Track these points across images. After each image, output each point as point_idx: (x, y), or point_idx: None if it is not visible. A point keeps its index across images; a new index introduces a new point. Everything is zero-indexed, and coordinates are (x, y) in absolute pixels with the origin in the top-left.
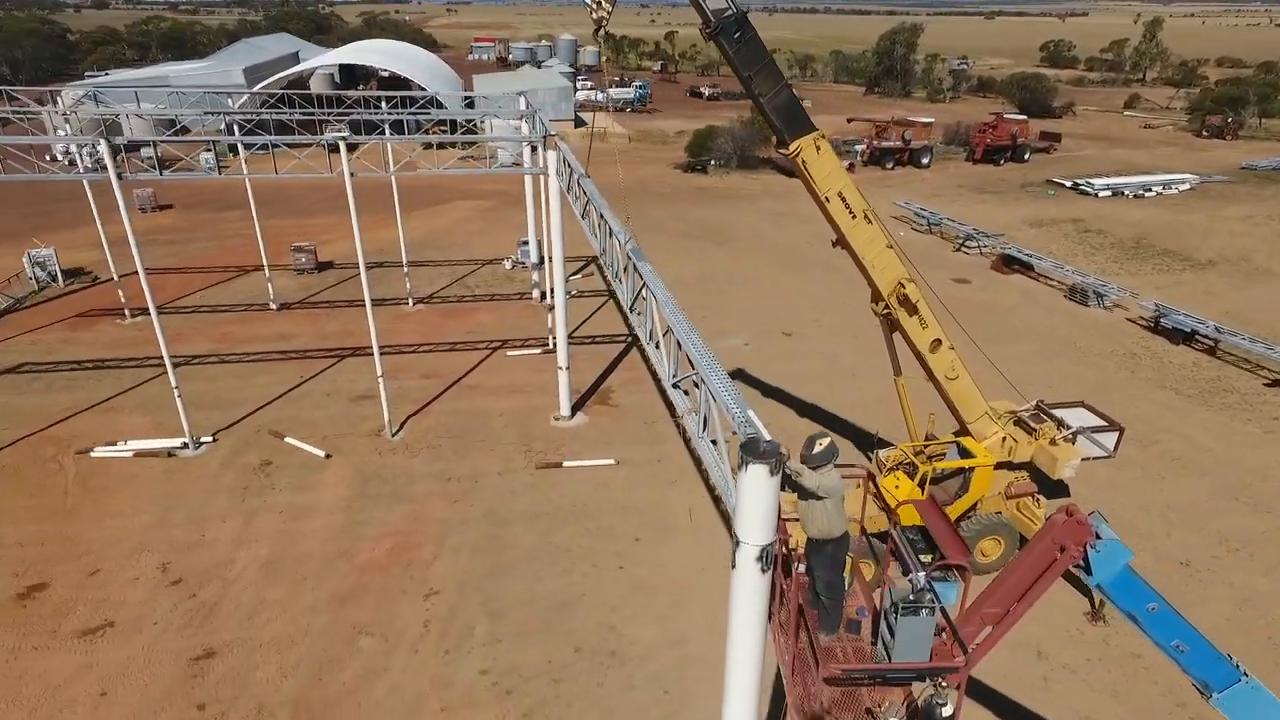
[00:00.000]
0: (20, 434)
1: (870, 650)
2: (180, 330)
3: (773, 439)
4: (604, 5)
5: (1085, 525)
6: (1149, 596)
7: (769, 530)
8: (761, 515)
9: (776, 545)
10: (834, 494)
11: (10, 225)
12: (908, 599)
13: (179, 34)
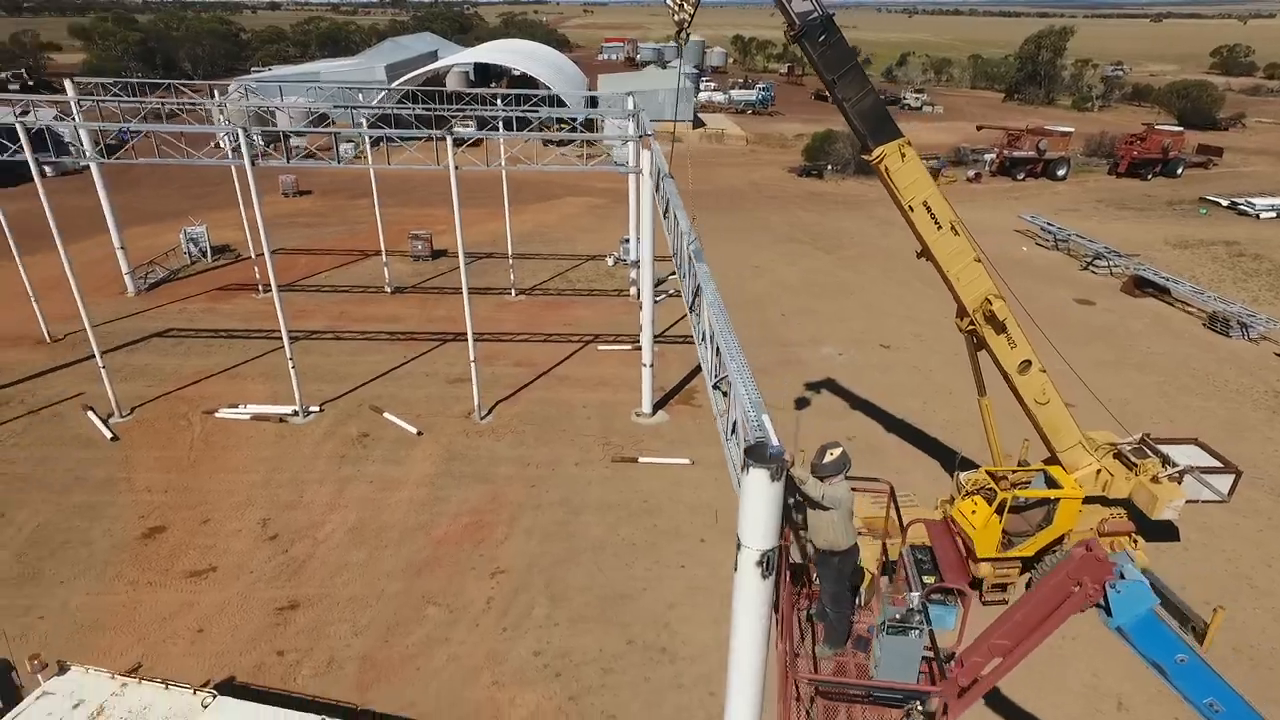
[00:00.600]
0: (159, 391)
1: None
2: (304, 307)
3: (779, 445)
4: (686, 7)
5: (1105, 563)
6: (1177, 647)
7: (770, 535)
8: (763, 520)
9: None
10: (841, 505)
11: (175, 205)
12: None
13: (335, 33)
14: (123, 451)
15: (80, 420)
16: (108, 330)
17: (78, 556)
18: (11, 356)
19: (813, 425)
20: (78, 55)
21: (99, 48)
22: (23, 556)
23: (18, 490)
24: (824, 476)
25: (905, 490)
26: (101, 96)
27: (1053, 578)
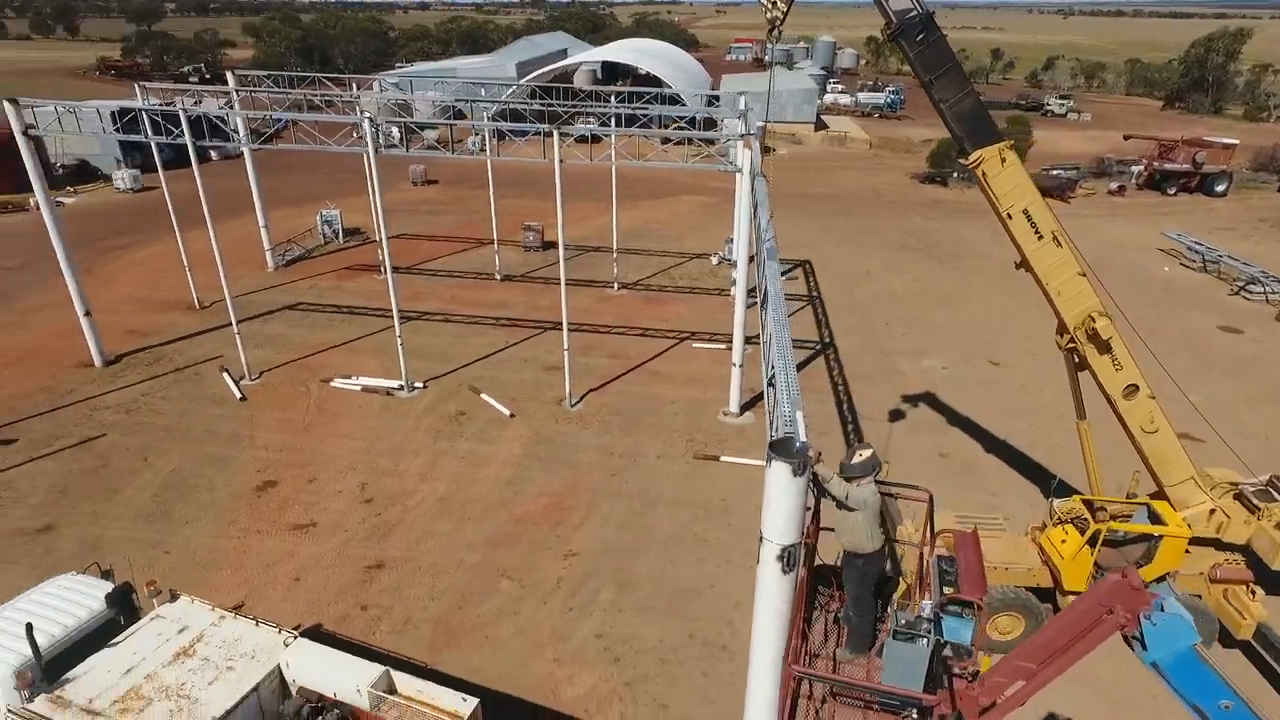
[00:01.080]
0: (285, 359)
1: None
2: (420, 289)
3: (806, 441)
4: (778, 5)
5: (1141, 592)
6: (1221, 691)
7: (792, 530)
8: (785, 514)
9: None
10: (866, 508)
11: (318, 189)
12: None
13: (475, 32)
14: (249, 411)
15: (216, 380)
16: (247, 301)
17: (202, 501)
18: (167, 319)
19: (906, 439)
20: (249, 51)
21: (266, 44)
22: (157, 497)
23: (160, 439)
24: (851, 477)
25: (996, 514)
26: (256, 88)
27: (1083, 601)
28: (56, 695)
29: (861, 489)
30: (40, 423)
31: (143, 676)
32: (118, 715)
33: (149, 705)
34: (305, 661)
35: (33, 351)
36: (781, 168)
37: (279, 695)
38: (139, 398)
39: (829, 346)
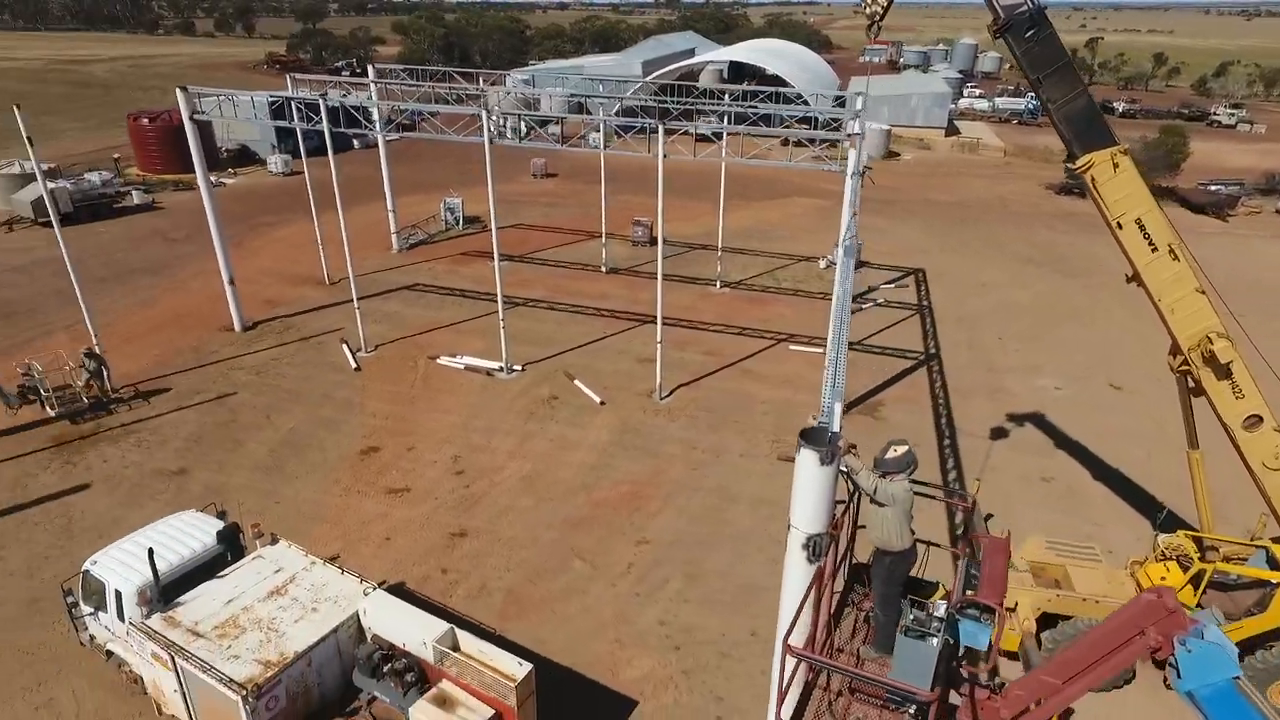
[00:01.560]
0: (399, 335)
1: None
2: (527, 277)
3: (837, 432)
4: (878, 1)
5: (1177, 615)
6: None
7: (818, 519)
8: (811, 502)
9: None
10: (896, 504)
11: (445, 178)
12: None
13: (607, 31)
14: (362, 380)
15: (336, 350)
16: (370, 279)
17: (313, 460)
18: (299, 292)
19: (1006, 458)
20: (397, 48)
21: (412, 41)
22: (275, 452)
23: (283, 400)
24: (885, 473)
25: (1092, 544)
26: (392, 81)
27: (1115, 619)
28: (169, 615)
29: (892, 485)
30: (186, 377)
31: (240, 608)
32: (216, 639)
33: (243, 634)
34: (381, 612)
35: (186, 314)
36: (905, 173)
37: (355, 639)
38: (269, 361)
39: (933, 358)
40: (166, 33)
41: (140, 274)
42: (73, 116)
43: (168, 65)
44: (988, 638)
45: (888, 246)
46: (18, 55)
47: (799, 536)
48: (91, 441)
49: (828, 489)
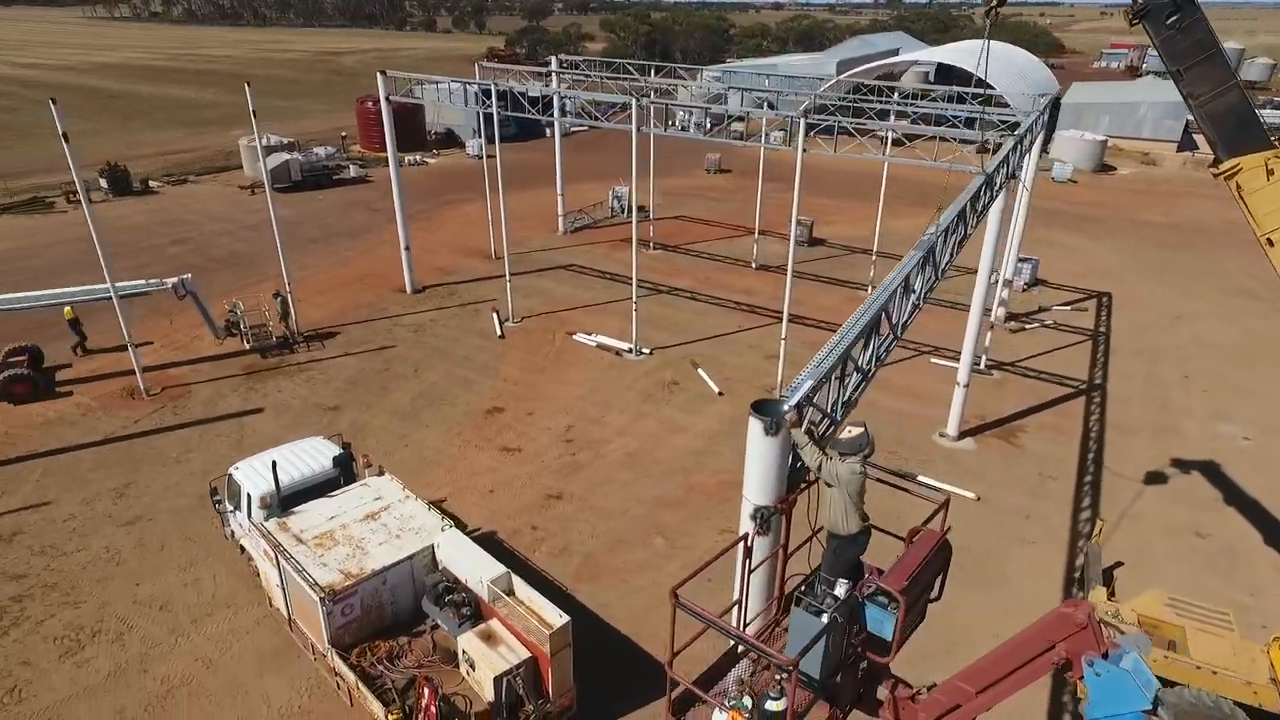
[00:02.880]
0: (544, 309)
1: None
2: (678, 267)
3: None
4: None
5: (1087, 632)
6: None
7: (763, 491)
8: (756, 473)
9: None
10: (840, 485)
11: (620, 167)
12: (805, 593)
13: (812, 31)
14: (503, 348)
15: (487, 318)
16: (533, 256)
17: (444, 413)
18: (468, 263)
19: (1155, 505)
20: (604, 44)
21: (617, 38)
22: (414, 401)
23: (431, 357)
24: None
25: (1228, 611)
26: (580, 73)
27: (1030, 629)
28: (282, 521)
29: (838, 464)
30: (357, 329)
31: (338, 525)
32: (313, 546)
33: (335, 547)
34: (451, 548)
35: (371, 274)
36: (1117, 189)
37: (428, 569)
38: (427, 322)
39: (1096, 389)
40: (412, 29)
41: (342, 237)
42: (323, 100)
43: (406, 57)
44: (892, 626)
45: (1076, 266)
46: (295, 48)
47: (748, 507)
48: (272, 374)
49: (775, 460)
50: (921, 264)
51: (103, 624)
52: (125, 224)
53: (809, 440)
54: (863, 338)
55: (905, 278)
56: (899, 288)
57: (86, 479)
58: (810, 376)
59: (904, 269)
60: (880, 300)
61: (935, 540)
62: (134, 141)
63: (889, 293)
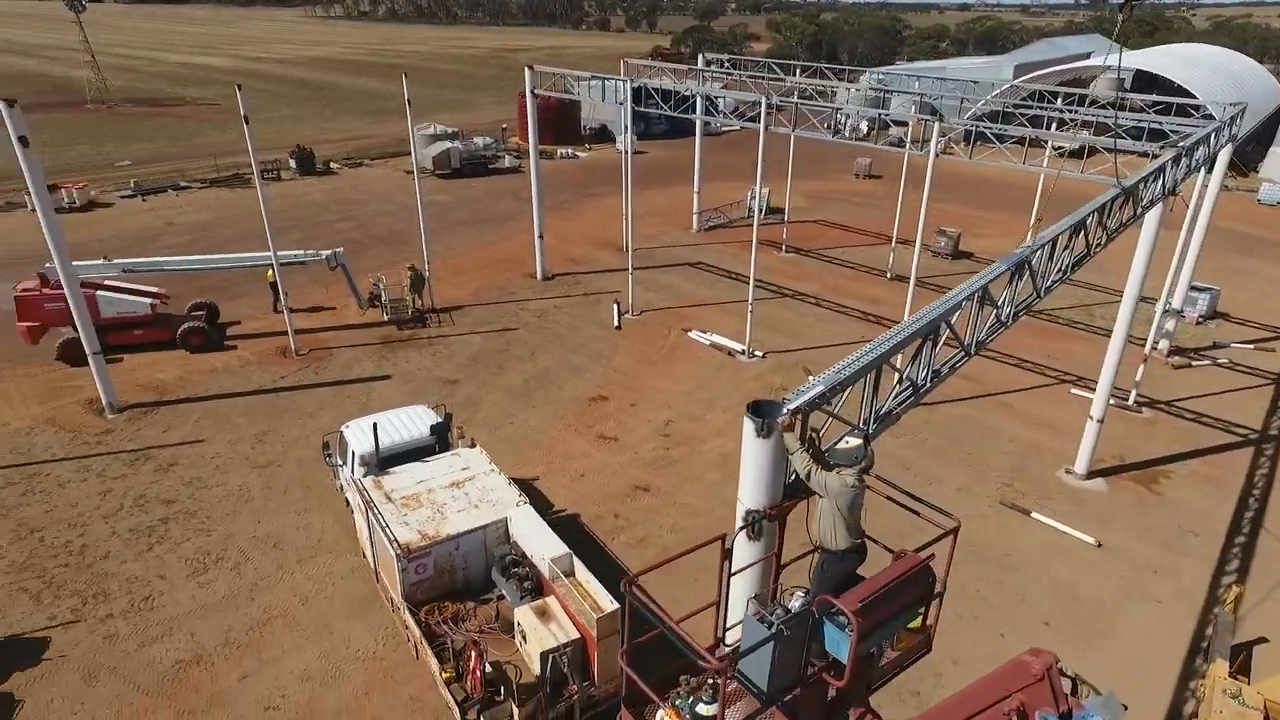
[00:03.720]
0: (664, 305)
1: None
2: (807, 271)
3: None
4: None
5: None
6: None
7: (755, 494)
8: (750, 475)
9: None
10: (831, 497)
11: None
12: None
13: (994, 33)
14: (618, 339)
15: (607, 309)
16: (663, 252)
17: (551, 396)
18: (598, 255)
19: None
20: (769, 44)
21: (782, 38)
22: (526, 382)
23: (549, 342)
24: (835, 463)
25: None
26: (730, 71)
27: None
28: (377, 479)
29: (830, 476)
30: (486, 309)
31: (425, 489)
32: (399, 506)
33: (419, 508)
34: (522, 523)
35: (506, 259)
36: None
37: (500, 540)
38: (551, 308)
39: (1270, 440)
40: (588, 28)
41: (488, 222)
42: (493, 93)
43: (575, 54)
44: (846, 649)
45: (1270, 300)
46: (477, 45)
47: (741, 510)
48: (404, 345)
49: (766, 464)
50: (1011, 277)
51: (226, 552)
52: (305, 200)
53: (799, 447)
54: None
55: (983, 288)
56: (971, 298)
57: (235, 423)
58: (824, 382)
59: (982, 280)
60: (940, 311)
61: (911, 565)
62: (327, 127)
63: (952, 303)
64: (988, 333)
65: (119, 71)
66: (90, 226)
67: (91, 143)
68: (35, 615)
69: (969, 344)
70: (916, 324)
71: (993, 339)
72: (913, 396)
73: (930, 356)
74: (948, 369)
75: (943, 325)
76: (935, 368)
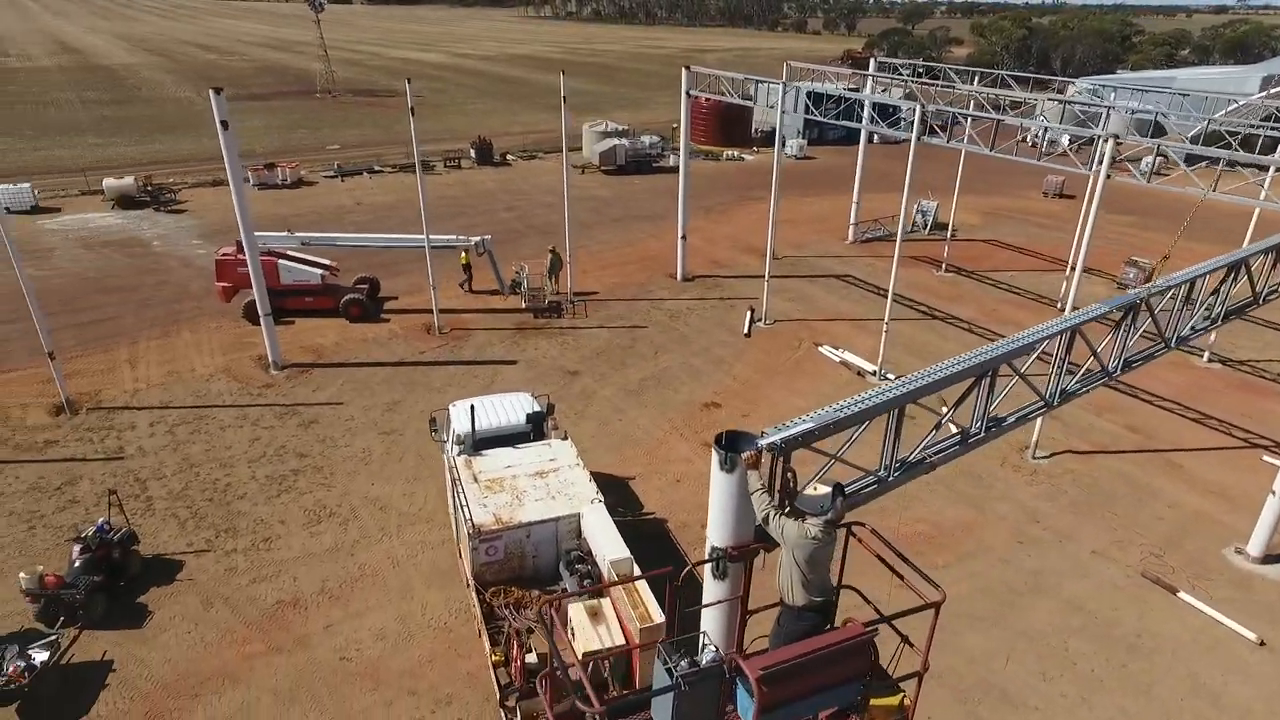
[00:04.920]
0: (801, 316)
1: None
2: (964, 293)
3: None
4: None
5: None
6: None
7: (720, 531)
8: (716, 510)
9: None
10: (788, 546)
11: (939, 180)
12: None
13: (1247, 39)
14: (745, 346)
15: (740, 316)
16: (811, 261)
17: (664, 398)
18: (743, 260)
19: None
20: (970, 49)
21: (985, 42)
22: (643, 381)
23: (674, 342)
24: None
25: None
26: (893, 77)
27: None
28: (469, 459)
29: (790, 524)
30: (620, 304)
31: (510, 474)
32: (483, 487)
33: (500, 492)
34: (592, 521)
35: (651, 257)
36: None
37: (573, 534)
38: (684, 310)
39: None
40: (783, 30)
41: (641, 220)
42: (673, 92)
43: (760, 56)
44: (750, 712)
45: None
46: (668, 45)
47: (708, 545)
48: (536, 333)
49: (728, 500)
50: (1121, 322)
51: (339, 508)
52: (478, 188)
53: (761, 487)
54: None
55: (1072, 330)
56: (1053, 340)
57: (373, 390)
58: (815, 420)
59: (1068, 323)
60: (997, 352)
61: (846, 637)
62: (512, 120)
63: (1018, 345)
64: (1080, 384)
65: (348, 65)
66: (294, 201)
67: (311, 128)
68: (178, 540)
69: (1051, 395)
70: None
71: (1083, 393)
72: (959, 447)
73: (985, 404)
74: (1014, 419)
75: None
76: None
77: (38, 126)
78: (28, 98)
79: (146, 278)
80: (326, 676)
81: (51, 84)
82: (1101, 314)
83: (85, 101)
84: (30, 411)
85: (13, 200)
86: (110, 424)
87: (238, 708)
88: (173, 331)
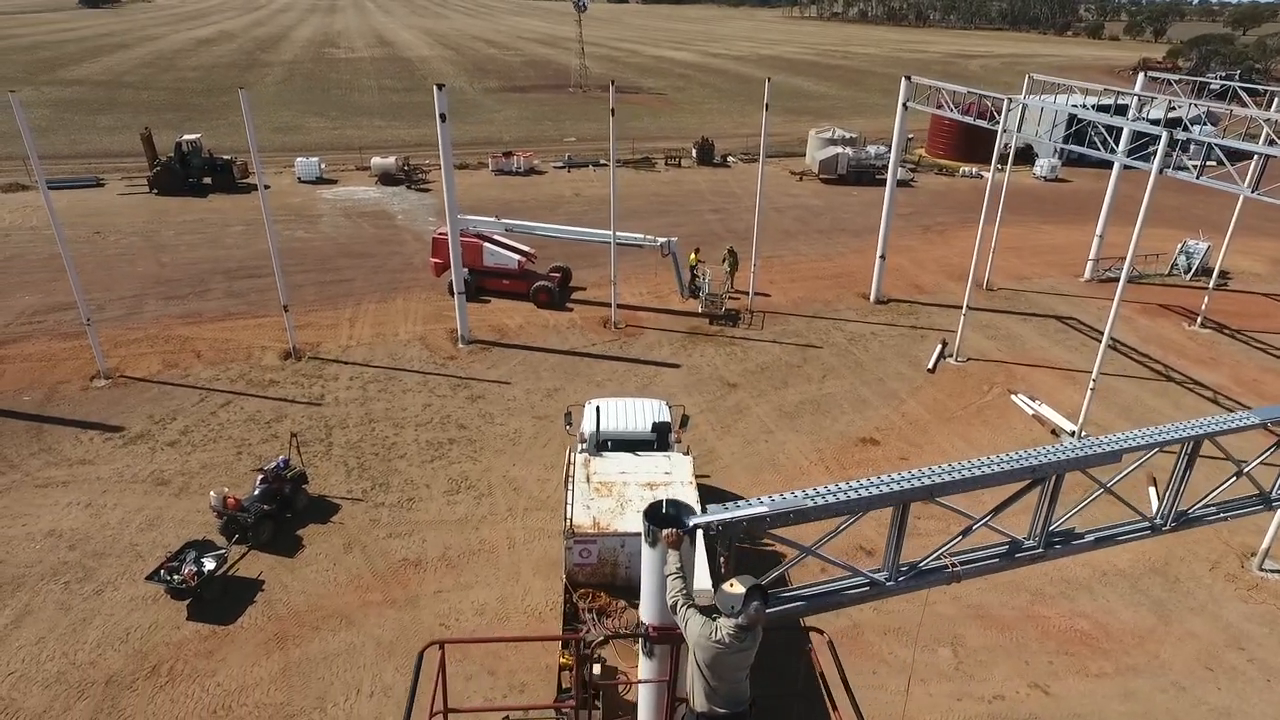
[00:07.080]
0: (1000, 358)
1: None
2: (1219, 354)
3: (691, 518)
4: None
5: None
6: None
7: (648, 608)
8: (645, 586)
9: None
10: (690, 640)
11: (1222, 218)
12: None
13: None
14: (925, 382)
15: (929, 349)
16: (1033, 297)
17: (819, 425)
18: (949, 286)
19: None
20: None
21: None
22: (801, 404)
23: (846, 367)
24: (709, 606)
25: None
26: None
27: None
28: (588, 459)
29: (697, 619)
30: (800, 321)
31: (622, 481)
32: (593, 490)
33: (607, 496)
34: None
35: (846, 275)
36: None
37: None
38: (868, 334)
39: None
40: (1075, 34)
41: (846, 234)
42: None
43: (1035, 64)
44: None
45: None
46: (930, 49)
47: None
48: (706, 340)
49: (653, 575)
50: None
51: (479, 482)
52: (690, 188)
53: (677, 571)
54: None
55: (1200, 438)
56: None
57: (540, 375)
58: (771, 505)
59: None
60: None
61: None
62: (743, 122)
63: (1094, 451)
64: (1223, 513)
65: (604, 61)
66: (522, 188)
67: (554, 120)
68: (341, 486)
69: (1159, 517)
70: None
71: (1217, 520)
72: (1003, 559)
73: (1046, 513)
74: (1094, 539)
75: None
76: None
77: (342, 108)
78: (342, 84)
79: (383, 247)
80: (425, 638)
81: (362, 72)
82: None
83: (382, 88)
84: (267, 354)
85: (304, 172)
86: (320, 373)
87: (345, 648)
88: (390, 298)
